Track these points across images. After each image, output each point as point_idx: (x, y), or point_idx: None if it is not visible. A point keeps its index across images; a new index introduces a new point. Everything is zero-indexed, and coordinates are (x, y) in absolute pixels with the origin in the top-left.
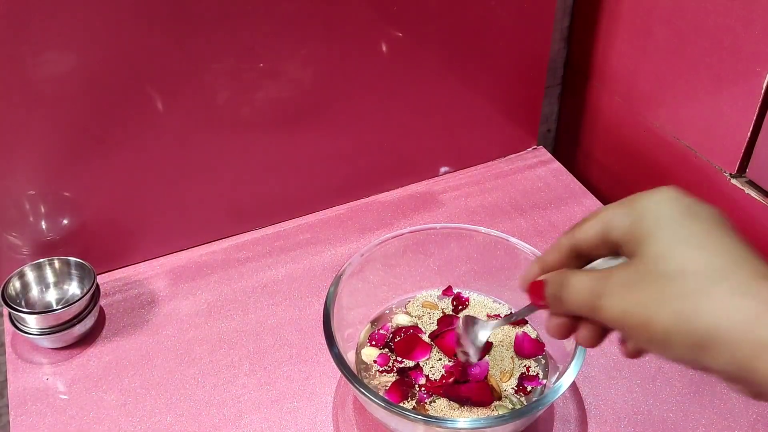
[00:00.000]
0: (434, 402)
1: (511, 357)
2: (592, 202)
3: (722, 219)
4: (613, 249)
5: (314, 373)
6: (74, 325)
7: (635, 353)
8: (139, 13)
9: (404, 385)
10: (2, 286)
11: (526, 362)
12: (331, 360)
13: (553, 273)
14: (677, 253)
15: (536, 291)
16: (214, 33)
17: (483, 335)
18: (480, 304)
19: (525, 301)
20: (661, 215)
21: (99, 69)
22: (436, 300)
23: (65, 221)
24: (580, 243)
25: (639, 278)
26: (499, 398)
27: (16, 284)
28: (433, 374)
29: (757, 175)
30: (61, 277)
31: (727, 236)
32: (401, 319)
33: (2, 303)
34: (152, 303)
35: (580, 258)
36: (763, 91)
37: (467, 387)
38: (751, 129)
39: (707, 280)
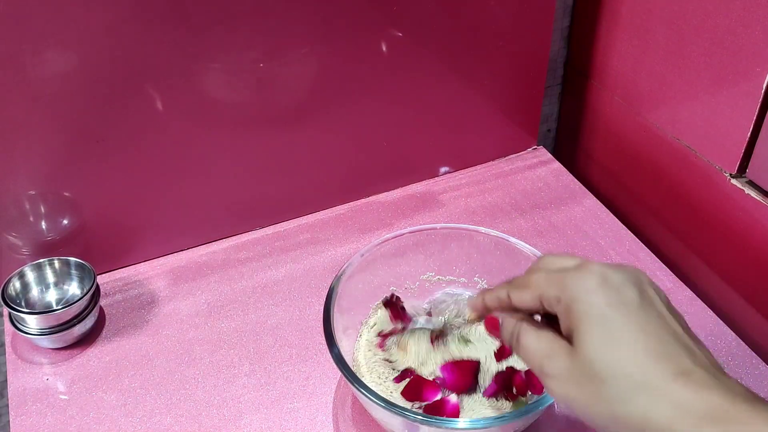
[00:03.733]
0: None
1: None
2: (592, 202)
3: (645, 298)
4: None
5: (314, 373)
6: (74, 325)
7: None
8: (138, 13)
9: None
10: (2, 286)
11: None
12: (331, 360)
13: (508, 319)
14: (605, 356)
15: (493, 325)
16: (214, 33)
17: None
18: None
19: None
20: (590, 309)
21: (99, 68)
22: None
23: (65, 221)
24: (518, 305)
25: (577, 374)
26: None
27: (16, 284)
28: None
29: (757, 175)
30: (61, 277)
31: (647, 325)
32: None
33: (2, 303)
34: (152, 303)
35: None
36: (763, 91)
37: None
38: (751, 129)
39: (631, 385)
